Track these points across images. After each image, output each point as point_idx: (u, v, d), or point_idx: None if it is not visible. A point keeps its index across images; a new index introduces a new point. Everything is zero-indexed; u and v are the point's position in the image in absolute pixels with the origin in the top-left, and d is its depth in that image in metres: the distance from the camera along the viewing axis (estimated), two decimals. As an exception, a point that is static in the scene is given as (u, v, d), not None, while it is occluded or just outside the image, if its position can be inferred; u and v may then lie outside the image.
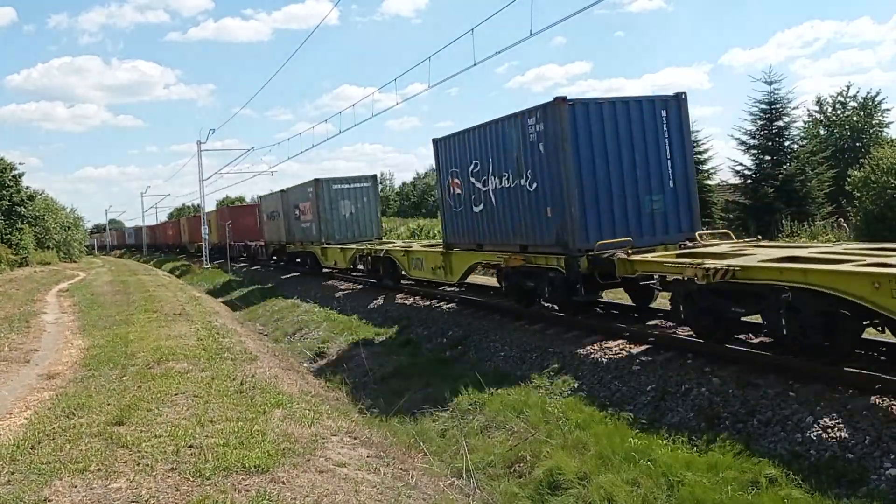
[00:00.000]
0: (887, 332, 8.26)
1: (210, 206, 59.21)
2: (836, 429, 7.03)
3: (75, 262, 57.56)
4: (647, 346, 10.54)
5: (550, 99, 12.12)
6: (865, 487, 6.17)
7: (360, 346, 14.79)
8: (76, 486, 5.37)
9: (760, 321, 9.19)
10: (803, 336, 8.11)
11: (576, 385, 10.25)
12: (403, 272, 19.85)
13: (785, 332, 8.32)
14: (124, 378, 9.27)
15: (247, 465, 5.71)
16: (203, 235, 46.63)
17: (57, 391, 8.98)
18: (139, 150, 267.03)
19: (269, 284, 29.31)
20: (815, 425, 7.22)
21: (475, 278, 18.89)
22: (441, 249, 16.78)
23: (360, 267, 24.33)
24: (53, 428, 7.00)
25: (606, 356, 10.69)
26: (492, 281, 18.24)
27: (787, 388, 8.02)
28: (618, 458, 7.28)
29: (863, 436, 6.77)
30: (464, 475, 6.45)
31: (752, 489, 6.37)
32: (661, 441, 7.73)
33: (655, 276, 10.93)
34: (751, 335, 10.20)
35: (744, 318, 9.62)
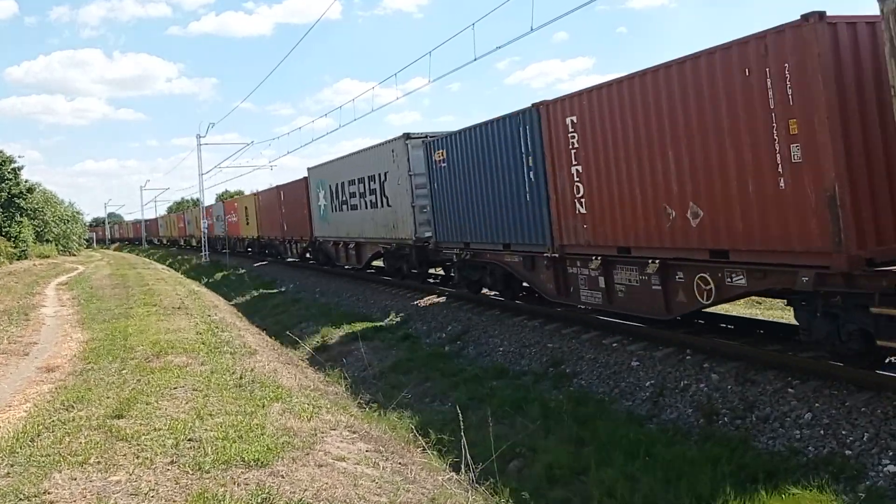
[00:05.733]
0: None
1: (210, 201, 59.24)
2: (834, 425, 7.05)
3: (74, 255, 57.53)
4: (645, 343, 10.54)
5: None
6: (864, 484, 6.18)
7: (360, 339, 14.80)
8: (76, 479, 5.37)
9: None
10: None
11: (574, 380, 10.27)
12: None
13: None
14: (123, 371, 9.26)
15: (246, 458, 5.72)
16: (202, 228, 46.54)
17: (56, 384, 8.97)
18: (139, 144, 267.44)
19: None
20: (814, 421, 7.24)
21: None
22: None
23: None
24: (53, 421, 6.99)
25: (605, 352, 10.70)
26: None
27: (786, 384, 8.03)
28: (617, 453, 7.30)
29: (861, 432, 6.78)
30: (463, 470, 6.46)
31: (751, 484, 6.39)
32: (659, 436, 7.75)
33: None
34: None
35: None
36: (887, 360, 7.87)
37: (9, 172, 45.26)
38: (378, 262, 23.37)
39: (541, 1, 13.81)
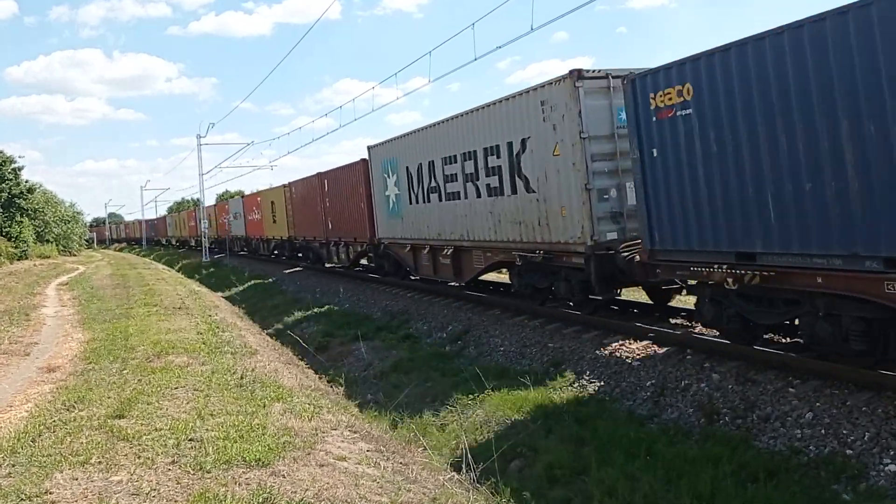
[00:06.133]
0: None
1: (209, 201, 59.34)
2: (835, 425, 7.05)
3: (74, 255, 57.59)
4: (645, 343, 10.55)
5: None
6: (865, 483, 6.19)
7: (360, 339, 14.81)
8: (77, 479, 5.38)
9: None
10: None
11: (575, 380, 10.27)
12: None
13: None
14: (124, 371, 9.26)
15: (247, 458, 5.72)
16: (202, 229, 46.55)
17: (57, 384, 8.98)
18: (139, 144, 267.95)
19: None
20: (815, 421, 7.24)
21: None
22: None
23: None
24: (54, 421, 7.00)
25: (606, 352, 10.71)
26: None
27: (787, 384, 8.04)
28: (617, 453, 7.31)
29: (862, 432, 6.78)
30: (464, 469, 6.46)
31: (751, 484, 6.39)
32: (660, 435, 7.76)
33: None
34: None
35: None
36: None
37: (9, 172, 45.31)
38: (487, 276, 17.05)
39: (541, 1, 13.80)
